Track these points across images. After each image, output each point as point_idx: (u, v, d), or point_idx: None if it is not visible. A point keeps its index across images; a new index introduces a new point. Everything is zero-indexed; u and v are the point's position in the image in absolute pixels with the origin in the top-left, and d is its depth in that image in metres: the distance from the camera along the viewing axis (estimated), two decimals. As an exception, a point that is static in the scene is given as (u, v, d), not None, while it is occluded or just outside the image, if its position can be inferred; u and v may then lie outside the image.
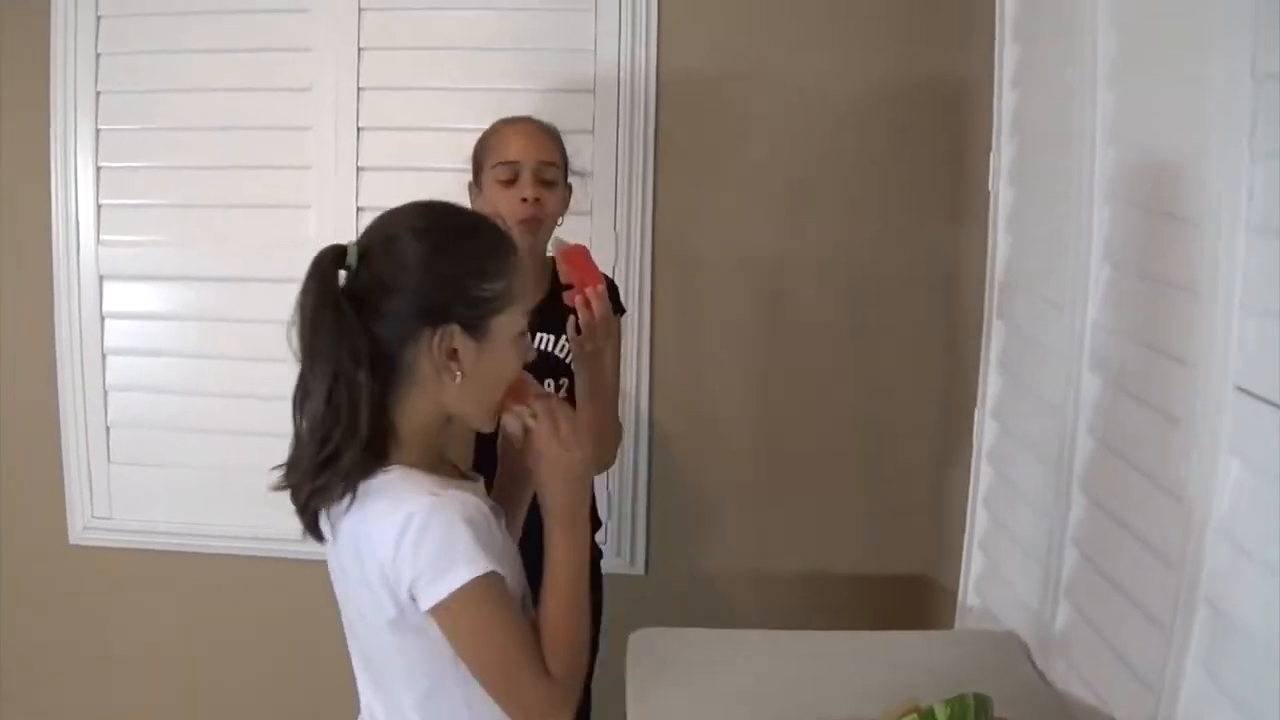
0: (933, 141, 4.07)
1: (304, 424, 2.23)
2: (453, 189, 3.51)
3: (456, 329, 2.15)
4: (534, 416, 2.22)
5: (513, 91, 3.97)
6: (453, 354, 2.15)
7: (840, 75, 4.08)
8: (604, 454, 3.49)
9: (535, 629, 2.22)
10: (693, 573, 4.33)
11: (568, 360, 3.36)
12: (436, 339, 2.14)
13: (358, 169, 4.19)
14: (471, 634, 2.15)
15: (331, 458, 2.14)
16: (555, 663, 2.18)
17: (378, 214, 2.30)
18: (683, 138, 4.13)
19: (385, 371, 2.15)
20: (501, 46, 4.16)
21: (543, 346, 3.36)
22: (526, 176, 3.27)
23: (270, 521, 4.33)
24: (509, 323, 2.20)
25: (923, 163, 4.09)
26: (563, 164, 3.38)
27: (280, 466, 2.26)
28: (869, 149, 4.11)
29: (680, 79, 4.11)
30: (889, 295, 4.16)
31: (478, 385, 2.20)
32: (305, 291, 2.23)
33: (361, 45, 4.16)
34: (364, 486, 2.14)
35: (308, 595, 4.30)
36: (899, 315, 4.17)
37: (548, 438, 2.19)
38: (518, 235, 3.18)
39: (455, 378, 2.16)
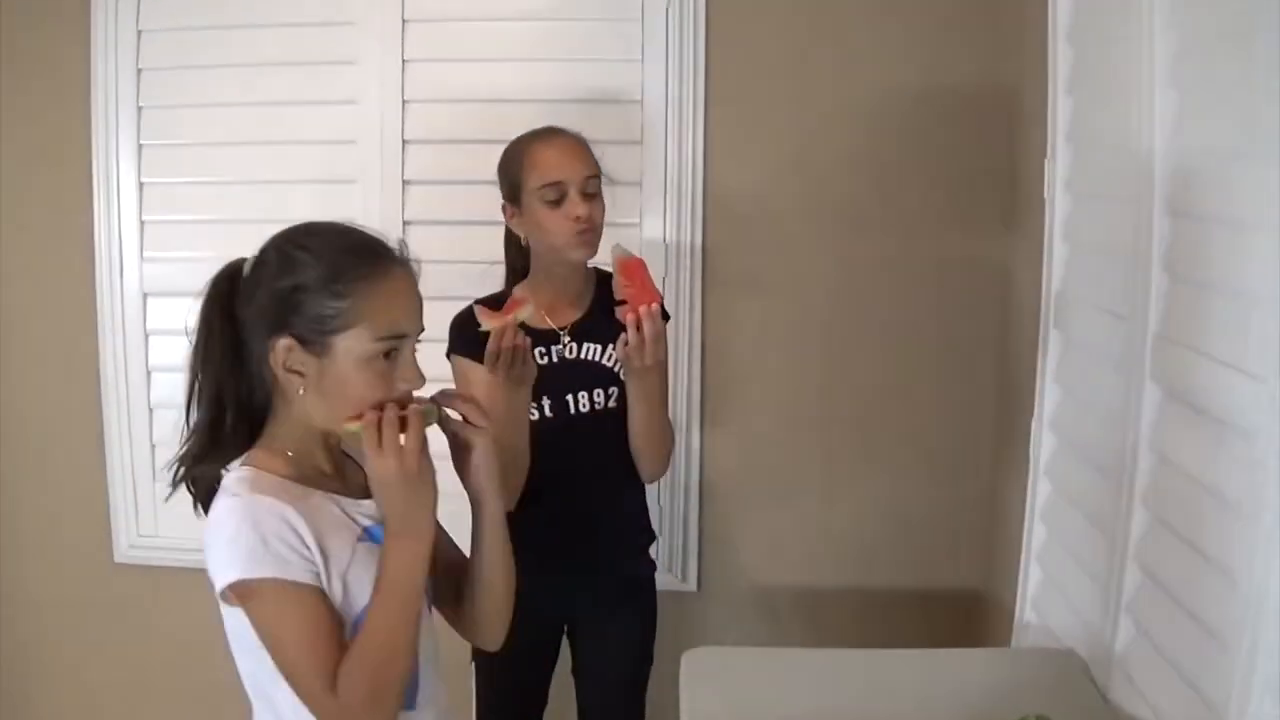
0: (986, 149, 4.06)
1: (192, 420, 2.36)
2: (497, 201, 3.51)
3: (291, 342, 2.24)
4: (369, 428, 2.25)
5: (559, 103, 3.95)
6: (293, 363, 2.25)
7: (891, 85, 4.07)
8: (657, 463, 3.55)
9: (341, 642, 2.22)
10: (744, 588, 4.33)
11: (616, 370, 3.40)
12: (275, 350, 2.24)
13: (403, 182, 4.20)
14: (260, 632, 2.22)
15: (203, 454, 2.33)
16: (347, 681, 2.17)
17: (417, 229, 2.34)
18: (732, 149, 4.12)
19: (252, 378, 2.32)
20: (547, 57, 4.17)
21: (589, 356, 3.42)
22: (574, 194, 3.27)
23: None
24: (354, 343, 2.24)
25: (976, 171, 4.07)
26: (599, 170, 3.37)
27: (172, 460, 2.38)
28: (920, 158, 4.10)
29: (729, 89, 4.11)
30: (942, 305, 4.15)
31: (323, 400, 2.27)
32: (200, 298, 2.37)
33: (406, 57, 4.17)
34: (224, 481, 2.30)
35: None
36: (952, 325, 4.16)
37: (372, 449, 2.21)
38: (578, 252, 3.31)
39: (298, 390, 2.26)
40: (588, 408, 3.44)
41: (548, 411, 3.41)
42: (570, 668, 3.72)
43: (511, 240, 3.51)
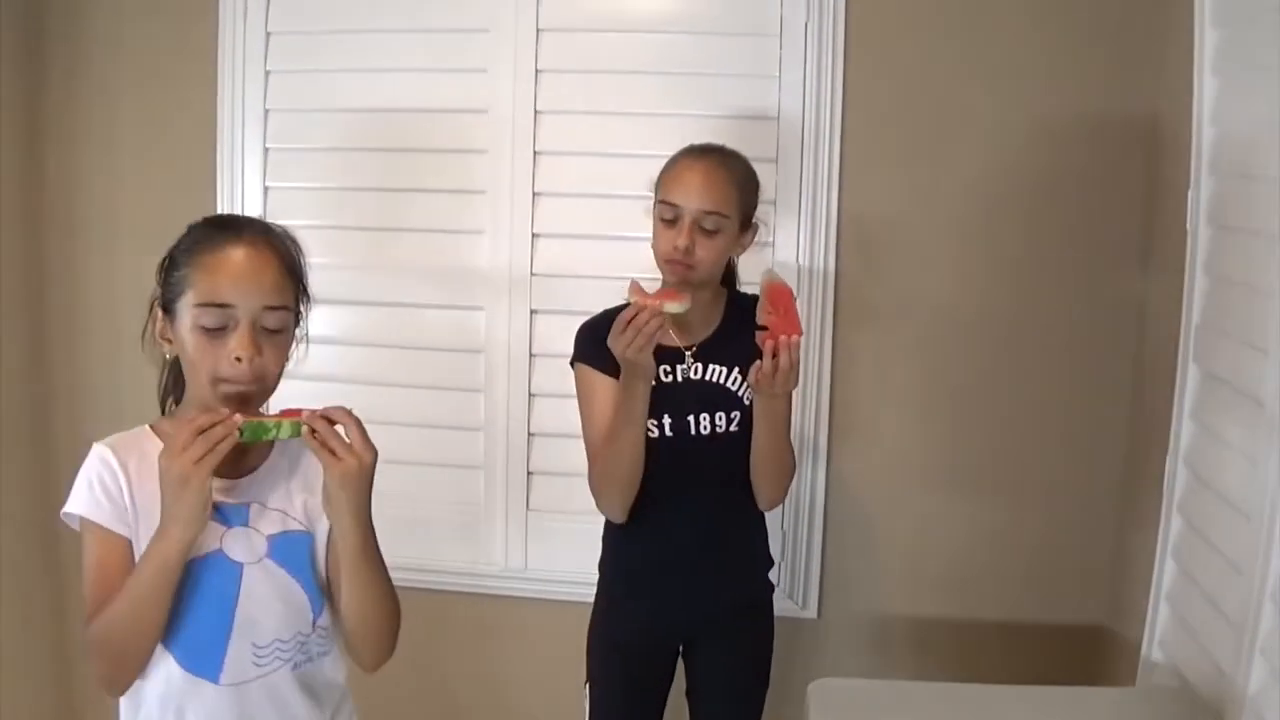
0: (1122, 179, 4.03)
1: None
2: (631, 216, 3.54)
3: (159, 312, 2.52)
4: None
5: (694, 117, 3.99)
6: (163, 331, 2.53)
7: (1029, 111, 4.06)
8: (776, 490, 3.54)
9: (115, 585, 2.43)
10: (864, 617, 4.34)
11: (740, 394, 3.42)
12: (153, 319, 2.55)
13: (534, 194, 4.24)
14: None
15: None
16: (96, 625, 2.40)
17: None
18: (867, 171, 4.12)
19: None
20: (683, 70, 4.18)
21: (714, 378, 3.43)
22: (685, 223, 3.28)
23: (436, 552, 4.41)
24: (186, 309, 2.45)
25: (1111, 200, 4.05)
26: (736, 211, 3.34)
27: None
28: (1055, 185, 4.08)
29: (866, 109, 4.11)
30: (1073, 335, 4.13)
31: (184, 362, 2.51)
32: None
33: (539, 67, 4.20)
34: None
35: (461, 623, 4.37)
36: (1083, 355, 4.14)
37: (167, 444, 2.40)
38: (667, 272, 3.33)
39: (166, 354, 2.56)
40: (708, 430, 3.44)
41: (668, 430, 3.41)
42: (685, 689, 3.72)
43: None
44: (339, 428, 2.45)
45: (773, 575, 3.73)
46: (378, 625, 2.63)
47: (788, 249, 4.14)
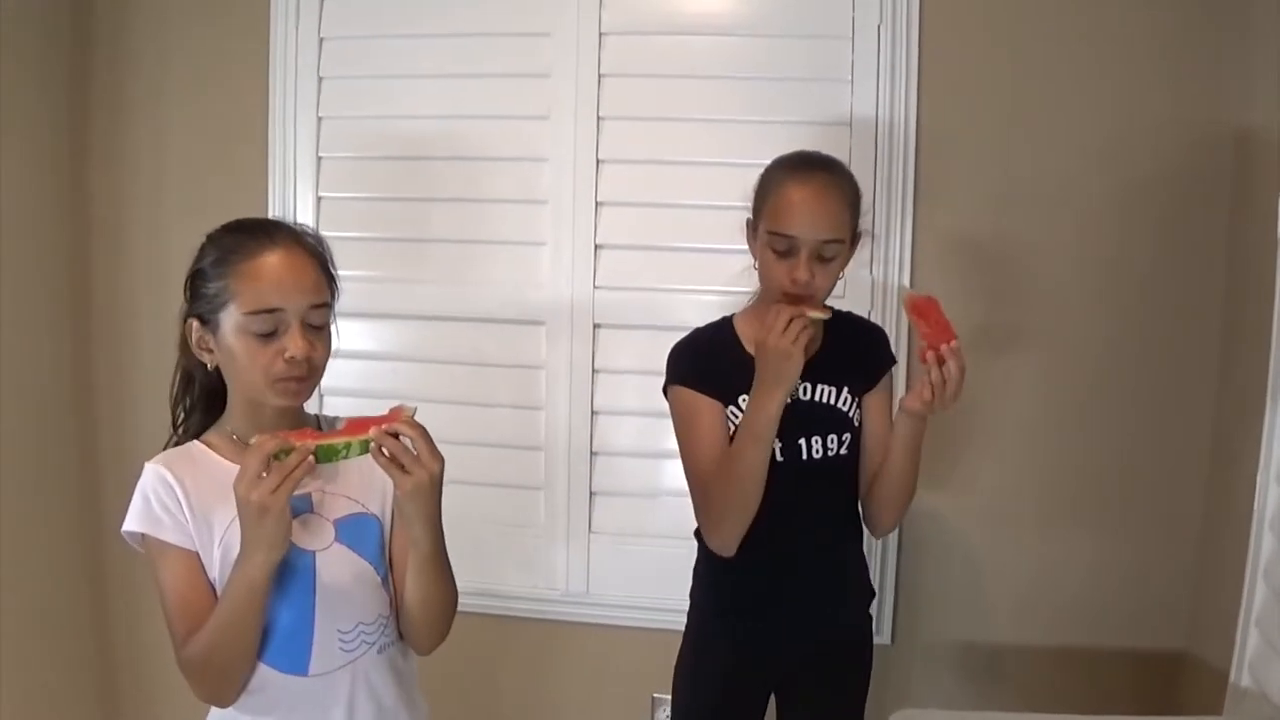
0: (1210, 194, 3.99)
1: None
2: (694, 225, 3.49)
3: (195, 323, 2.61)
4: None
5: (762, 123, 3.99)
6: (201, 343, 2.62)
7: (1114, 117, 4.02)
8: (899, 515, 3.46)
9: (208, 602, 2.55)
10: (939, 644, 4.32)
11: (850, 415, 3.34)
12: (189, 332, 2.63)
13: (596, 203, 4.21)
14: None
15: (175, 430, 2.80)
16: (193, 644, 2.51)
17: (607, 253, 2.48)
18: (942, 183, 4.08)
19: (193, 359, 2.70)
20: (750, 75, 4.14)
21: (824, 399, 3.33)
22: (804, 256, 3.10)
23: (494, 575, 4.37)
24: (232, 318, 2.55)
25: (1197, 217, 4.01)
26: (850, 231, 3.20)
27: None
28: (1137, 201, 4.04)
29: (942, 117, 4.08)
30: (1157, 354, 4.10)
31: (229, 374, 2.64)
32: None
33: (602, 71, 4.18)
34: None
35: (520, 649, 4.35)
36: (1166, 375, 4.10)
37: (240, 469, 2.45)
38: (780, 301, 3.15)
39: (209, 364, 2.64)
40: (820, 453, 3.31)
41: (778, 455, 3.24)
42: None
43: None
44: (405, 440, 2.50)
45: (871, 607, 3.64)
46: (439, 613, 2.75)
47: (860, 262, 4.06)
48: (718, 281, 3.91)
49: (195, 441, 2.69)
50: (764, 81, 4.12)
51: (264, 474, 2.37)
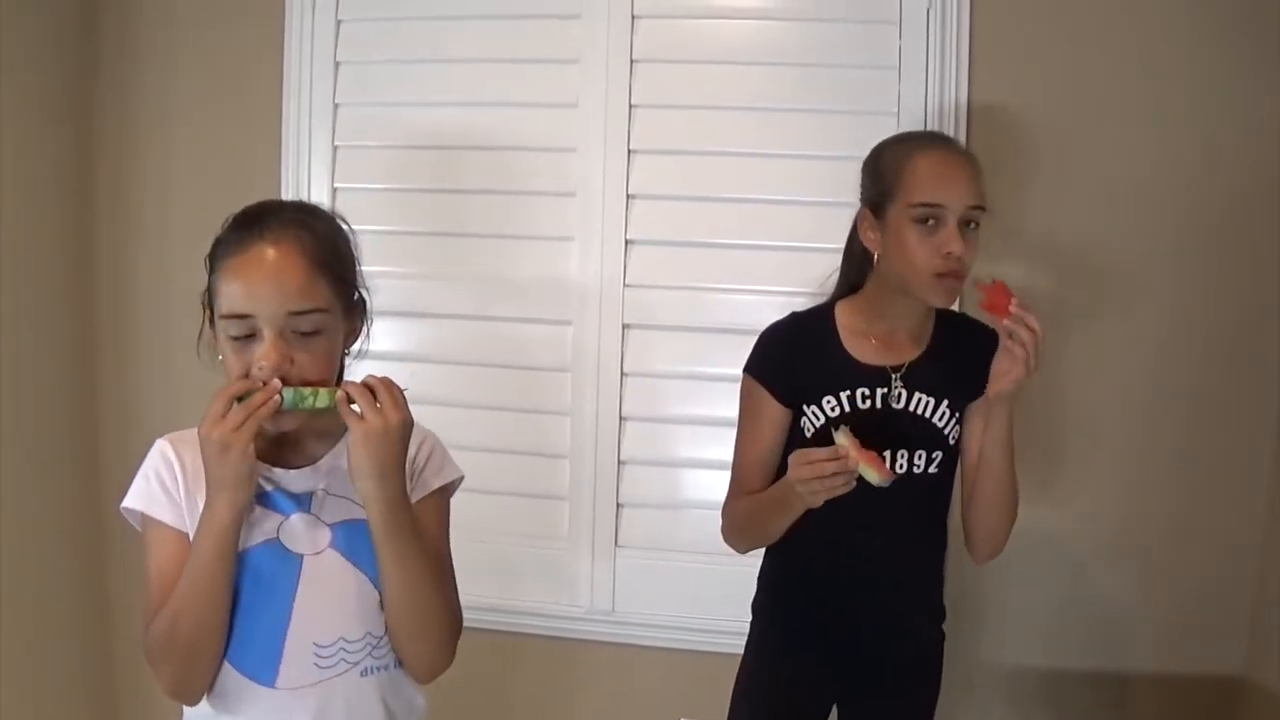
0: (1264, 198, 3.92)
1: None
2: (732, 219, 3.43)
3: (207, 317, 2.57)
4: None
5: (804, 112, 3.93)
6: (214, 343, 2.57)
7: (1179, 117, 3.95)
8: (1006, 532, 3.32)
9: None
10: (986, 666, 4.26)
11: (947, 432, 3.22)
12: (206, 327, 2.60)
13: (627, 196, 4.15)
14: None
15: None
16: (157, 623, 2.45)
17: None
18: (994, 174, 3.95)
19: None
20: (792, 61, 4.08)
21: (920, 410, 3.19)
22: (953, 225, 3.01)
23: (514, 590, 4.33)
24: (218, 317, 2.50)
25: (1259, 232, 3.94)
26: (985, 203, 3.11)
27: None
28: (1199, 220, 3.97)
29: (994, 107, 4.01)
30: (1215, 372, 4.04)
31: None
32: None
33: (635, 57, 4.13)
34: None
35: (540, 669, 4.30)
36: (1224, 392, 4.04)
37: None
38: (936, 296, 3.08)
39: (218, 358, 2.56)
40: (904, 469, 3.16)
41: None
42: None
43: (855, 250, 3.33)
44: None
45: (944, 624, 3.55)
46: (419, 618, 2.58)
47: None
48: (754, 280, 3.86)
49: None
50: (805, 68, 4.05)
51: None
